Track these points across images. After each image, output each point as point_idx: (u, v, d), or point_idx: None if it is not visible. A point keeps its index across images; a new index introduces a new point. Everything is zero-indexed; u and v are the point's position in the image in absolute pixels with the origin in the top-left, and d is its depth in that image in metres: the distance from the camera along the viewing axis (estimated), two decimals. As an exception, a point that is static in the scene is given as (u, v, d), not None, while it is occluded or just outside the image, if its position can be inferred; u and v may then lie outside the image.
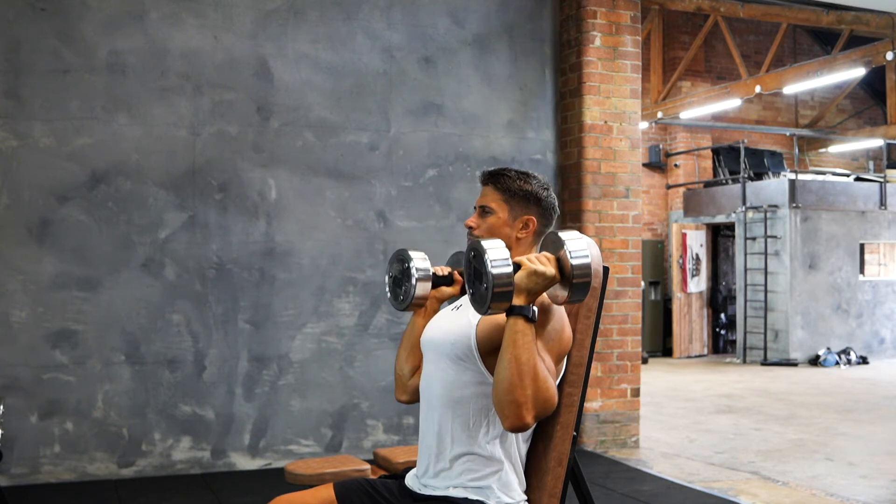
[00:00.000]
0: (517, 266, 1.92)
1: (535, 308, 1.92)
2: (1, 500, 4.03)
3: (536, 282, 1.90)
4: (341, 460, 3.41)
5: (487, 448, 2.01)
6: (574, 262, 1.90)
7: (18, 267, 4.67)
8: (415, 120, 5.44)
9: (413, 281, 2.24)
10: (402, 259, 2.30)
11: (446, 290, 2.31)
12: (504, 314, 1.92)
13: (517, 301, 1.89)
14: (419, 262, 2.26)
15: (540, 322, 1.96)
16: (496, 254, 1.88)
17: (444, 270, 2.32)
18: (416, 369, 2.27)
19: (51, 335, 4.70)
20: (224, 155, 5.04)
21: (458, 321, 2.10)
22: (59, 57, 4.75)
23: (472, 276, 1.94)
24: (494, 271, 1.85)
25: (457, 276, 2.32)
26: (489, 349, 2.00)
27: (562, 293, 1.95)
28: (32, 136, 4.70)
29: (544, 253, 1.96)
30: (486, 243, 1.90)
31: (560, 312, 2.03)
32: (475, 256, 1.91)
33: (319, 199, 5.22)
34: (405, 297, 2.28)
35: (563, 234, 1.96)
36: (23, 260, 4.67)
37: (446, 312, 2.20)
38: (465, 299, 2.19)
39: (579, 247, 1.92)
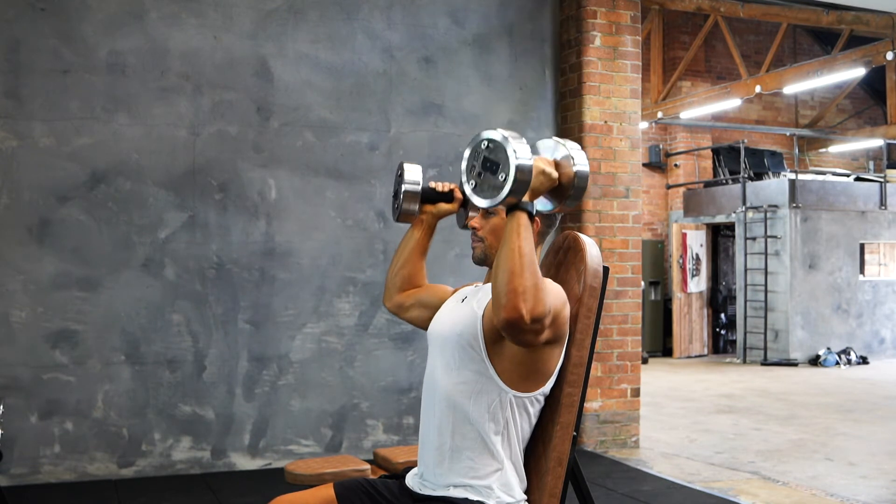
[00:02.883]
0: None
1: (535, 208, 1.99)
2: (1, 500, 4.03)
3: (542, 181, 1.96)
4: (341, 460, 3.41)
5: (489, 445, 2.00)
6: (577, 168, 1.99)
7: (18, 267, 4.67)
8: (415, 120, 5.44)
9: (400, 196, 2.28)
10: (398, 173, 2.33)
11: (445, 206, 2.35)
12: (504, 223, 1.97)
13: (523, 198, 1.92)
14: (410, 175, 2.29)
15: None
16: (520, 146, 1.88)
17: (445, 186, 2.36)
18: (407, 281, 2.36)
19: (51, 335, 4.71)
20: (224, 155, 5.04)
21: (463, 312, 2.09)
22: (59, 57, 4.75)
23: (481, 167, 1.92)
24: (519, 162, 1.85)
25: (457, 193, 2.35)
26: (495, 338, 1.99)
27: (557, 199, 2.03)
28: (32, 136, 4.70)
29: (543, 157, 2.02)
30: (508, 133, 1.90)
31: (559, 293, 1.99)
32: (493, 148, 1.90)
33: (319, 199, 5.22)
34: (396, 210, 2.33)
35: (564, 141, 2.04)
36: (23, 260, 4.67)
37: (451, 305, 2.20)
38: (470, 290, 2.19)
39: (580, 155, 2.01)
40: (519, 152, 1.85)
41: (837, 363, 11.14)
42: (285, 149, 5.16)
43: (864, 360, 11.45)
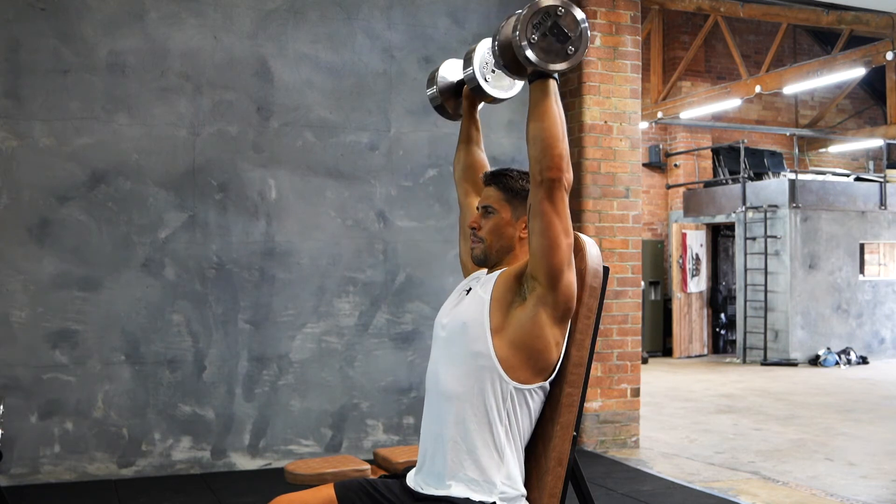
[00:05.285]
0: None
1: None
2: (1, 500, 4.03)
3: None
4: (341, 460, 3.41)
5: (489, 439, 2.01)
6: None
7: (18, 267, 4.67)
8: (415, 120, 5.44)
9: (434, 90, 2.55)
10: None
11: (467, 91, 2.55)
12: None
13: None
14: (443, 70, 2.56)
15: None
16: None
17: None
18: (467, 170, 2.51)
19: (51, 335, 4.70)
20: (224, 155, 5.04)
21: (471, 302, 2.11)
22: (59, 57, 4.75)
23: (548, 30, 1.94)
24: (588, 35, 1.96)
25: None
26: (500, 327, 2.01)
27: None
28: (32, 136, 4.70)
29: None
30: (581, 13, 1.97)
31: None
32: (564, 14, 1.95)
33: (319, 199, 5.22)
34: (432, 102, 2.58)
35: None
36: (23, 260, 4.67)
37: (455, 298, 2.21)
38: (473, 282, 2.20)
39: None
40: (587, 27, 1.97)
41: (837, 363, 11.14)
42: (285, 149, 5.16)
43: (864, 360, 11.45)
